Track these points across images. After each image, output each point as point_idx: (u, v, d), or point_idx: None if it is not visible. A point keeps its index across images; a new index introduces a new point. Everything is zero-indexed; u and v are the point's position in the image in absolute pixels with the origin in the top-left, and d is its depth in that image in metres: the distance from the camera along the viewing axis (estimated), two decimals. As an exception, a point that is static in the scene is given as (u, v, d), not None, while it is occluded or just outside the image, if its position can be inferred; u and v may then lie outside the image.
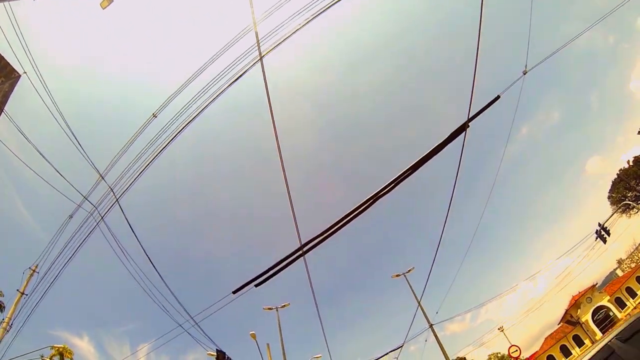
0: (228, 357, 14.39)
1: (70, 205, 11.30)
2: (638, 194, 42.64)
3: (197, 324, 10.55)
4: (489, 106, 7.67)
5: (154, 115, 11.24)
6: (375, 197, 7.28)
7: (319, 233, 7.34)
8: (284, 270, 7.55)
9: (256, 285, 8.19)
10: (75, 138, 10.21)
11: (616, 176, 46.26)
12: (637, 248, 57.62)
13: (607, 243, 25.14)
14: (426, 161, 7.18)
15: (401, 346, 19.02)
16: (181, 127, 9.03)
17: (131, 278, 11.56)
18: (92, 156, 10.80)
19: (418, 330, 20.66)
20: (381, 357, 19.00)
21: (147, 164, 9.26)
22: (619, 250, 57.20)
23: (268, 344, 20.16)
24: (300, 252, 7.50)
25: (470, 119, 7.31)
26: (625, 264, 55.98)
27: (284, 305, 22.41)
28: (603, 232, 25.07)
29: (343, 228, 7.22)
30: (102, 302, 68.48)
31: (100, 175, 9.71)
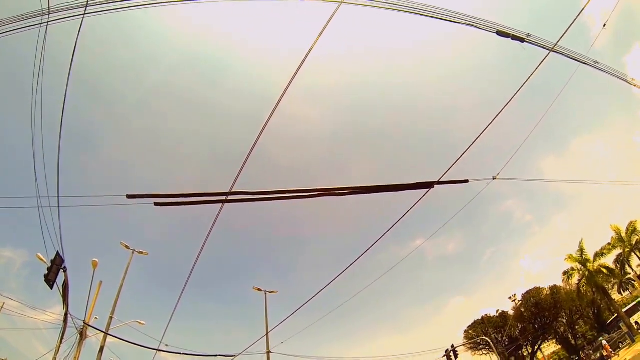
0: (64, 267, 12.29)
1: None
2: (487, 342, 48.41)
3: (58, 203, 8.82)
4: (455, 183, 8.14)
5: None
6: (313, 193, 7.08)
7: (252, 191, 6.85)
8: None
9: (156, 204, 7.23)
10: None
11: (480, 318, 52.35)
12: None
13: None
14: (384, 191, 7.27)
15: (234, 355, 18.22)
16: None
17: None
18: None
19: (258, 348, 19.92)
20: (213, 356, 17.94)
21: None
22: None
23: (100, 282, 18.19)
24: (224, 198, 6.88)
25: (438, 182, 7.65)
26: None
27: (142, 253, 20.82)
28: (452, 354, 27.64)
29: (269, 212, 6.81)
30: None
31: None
